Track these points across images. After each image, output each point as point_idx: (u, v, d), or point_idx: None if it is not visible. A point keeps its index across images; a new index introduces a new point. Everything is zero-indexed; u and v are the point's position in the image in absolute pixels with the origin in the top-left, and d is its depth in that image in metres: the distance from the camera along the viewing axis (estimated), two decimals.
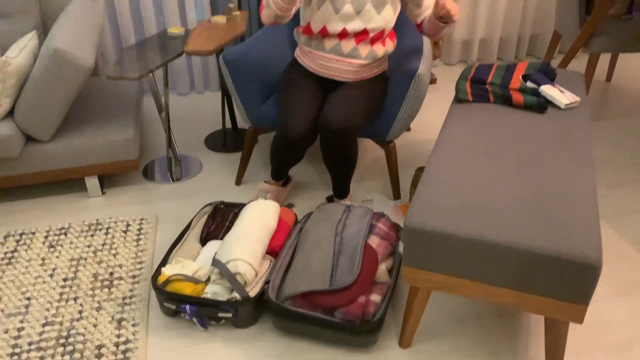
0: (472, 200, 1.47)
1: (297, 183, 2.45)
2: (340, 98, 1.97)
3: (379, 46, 2.06)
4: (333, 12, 1.94)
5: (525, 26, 3.63)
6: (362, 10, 1.95)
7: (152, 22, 3.09)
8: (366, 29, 1.98)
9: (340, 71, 2.06)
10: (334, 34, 1.98)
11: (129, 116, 2.38)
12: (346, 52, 2.01)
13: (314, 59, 2.07)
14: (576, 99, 2.00)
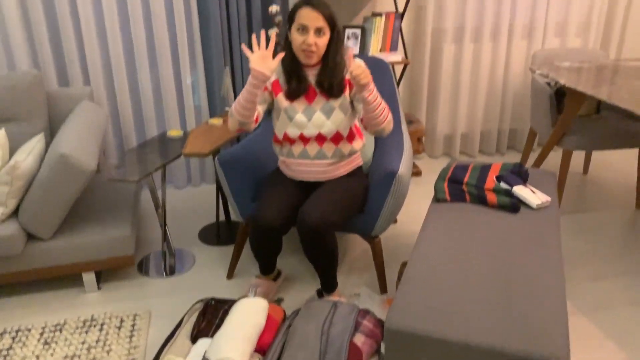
0: (448, 302, 1.57)
1: (288, 276, 2.53)
2: (316, 196, 2.09)
3: (345, 144, 2.19)
4: (288, 121, 2.13)
5: (504, 121, 3.86)
6: (312, 118, 2.12)
7: (152, 124, 3.29)
8: (320, 133, 2.13)
9: (313, 173, 2.21)
10: (295, 138, 2.15)
11: (127, 213, 2.50)
12: (312, 155, 2.17)
13: (289, 166, 2.24)
14: (547, 199, 2.14)
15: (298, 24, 2.00)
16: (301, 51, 2.04)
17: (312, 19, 1.98)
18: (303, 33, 2.01)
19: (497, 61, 3.68)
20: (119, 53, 3.10)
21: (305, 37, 2.01)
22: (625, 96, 2.43)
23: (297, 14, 2.01)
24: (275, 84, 2.15)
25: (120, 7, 3.08)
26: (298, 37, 2.02)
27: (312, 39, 2.00)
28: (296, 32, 2.02)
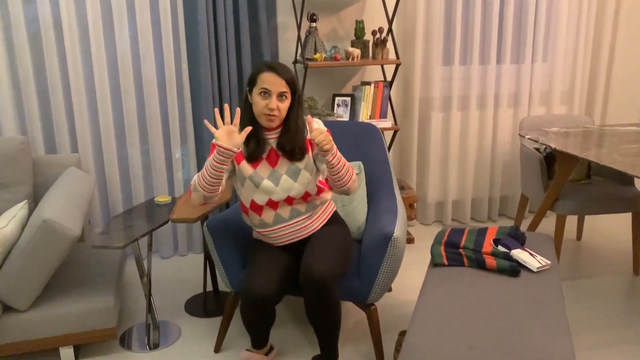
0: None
1: (281, 351, 2.40)
2: (313, 250, 2.04)
3: (314, 198, 2.16)
4: (255, 187, 2.08)
5: (495, 189, 3.86)
6: (279, 182, 2.08)
7: (140, 192, 3.23)
8: (289, 196, 2.09)
9: (293, 234, 2.15)
10: (262, 204, 2.09)
11: (110, 283, 2.39)
12: (287, 216, 2.12)
13: (266, 235, 2.17)
14: (547, 262, 2.08)
15: (260, 88, 1.99)
16: (263, 115, 2.02)
17: (275, 83, 1.98)
18: (265, 97, 2.00)
19: (485, 129, 3.72)
20: (109, 121, 3.09)
21: (267, 102, 1.99)
22: (618, 158, 2.43)
23: (259, 78, 2.00)
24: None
25: (111, 76, 3.11)
26: (260, 101, 2.00)
27: (274, 104, 1.99)
28: (258, 95, 2.00)
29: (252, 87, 2.03)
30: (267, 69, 1.99)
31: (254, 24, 3.17)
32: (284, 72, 2.00)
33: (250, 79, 2.05)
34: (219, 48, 3.10)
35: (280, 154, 2.09)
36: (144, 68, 3.07)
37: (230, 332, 2.54)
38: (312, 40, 3.18)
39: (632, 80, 4.07)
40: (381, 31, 3.18)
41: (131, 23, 3.06)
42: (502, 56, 3.63)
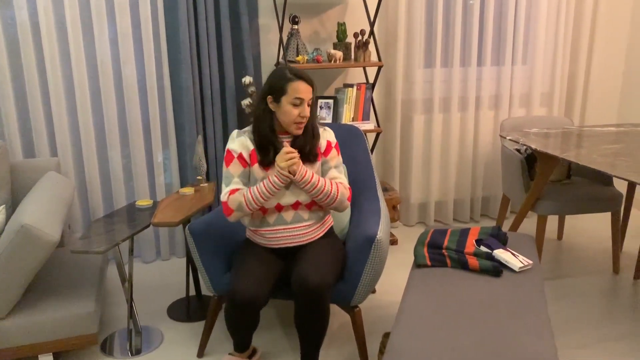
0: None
1: (264, 354, 2.39)
2: (308, 259, 2.03)
3: (318, 206, 2.18)
4: None
5: (476, 189, 3.89)
6: (290, 186, 2.11)
7: (121, 196, 3.20)
8: (298, 200, 2.12)
9: (291, 238, 2.15)
10: (271, 206, 2.10)
11: (92, 288, 2.36)
12: (289, 220, 2.13)
13: (263, 235, 2.16)
14: (529, 262, 2.10)
15: (294, 97, 2.01)
16: (293, 123, 2.05)
17: (306, 92, 2.03)
18: (297, 106, 2.03)
19: (466, 131, 3.75)
20: (89, 125, 3.06)
21: (300, 110, 2.03)
22: (597, 159, 2.47)
23: (289, 87, 2.01)
24: (252, 154, 2.11)
25: (91, 79, 3.07)
26: (292, 109, 2.02)
27: (307, 111, 2.04)
28: (289, 105, 2.02)
29: (281, 96, 2.03)
30: (297, 77, 2.02)
31: (236, 27, 3.16)
32: (310, 79, 2.05)
33: (277, 88, 2.03)
34: (200, 51, 3.09)
35: None
36: (125, 72, 3.04)
37: (213, 337, 2.52)
38: (294, 43, 3.17)
39: (609, 82, 4.13)
40: (363, 33, 3.19)
41: (111, 26, 3.03)
42: (482, 59, 3.66)
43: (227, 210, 2.05)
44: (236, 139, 2.12)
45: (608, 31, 4.02)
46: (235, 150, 2.10)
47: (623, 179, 2.22)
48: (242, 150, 2.11)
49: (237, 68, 3.22)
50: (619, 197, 2.98)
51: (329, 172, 2.18)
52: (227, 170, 2.10)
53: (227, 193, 2.06)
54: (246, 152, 2.11)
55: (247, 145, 2.11)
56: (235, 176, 2.09)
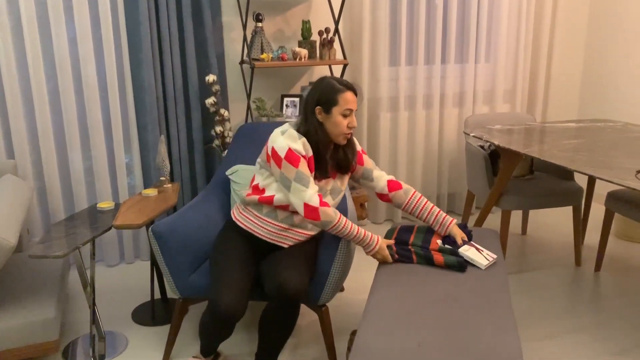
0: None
1: (227, 357, 2.36)
2: (286, 264, 2.00)
3: None
4: None
5: (442, 186, 3.93)
6: (327, 192, 2.12)
7: (82, 198, 3.12)
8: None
9: (287, 239, 2.13)
10: (289, 210, 2.09)
11: (51, 294, 2.29)
12: (297, 222, 2.11)
13: (262, 224, 2.12)
14: (494, 257, 2.13)
15: (345, 109, 2.00)
16: (342, 134, 2.04)
17: (355, 102, 2.04)
18: (347, 116, 2.02)
19: (432, 128, 3.79)
20: (47, 126, 2.97)
21: (349, 120, 2.03)
22: (558, 154, 2.52)
23: (341, 98, 1.99)
24: (310, 161, 2.04)
25: (49, 79, 2.98)
26: (342, 120, 2.02)
27: (355, 122, 2.05)
28: (340, 115, 2.01)
29: (331, 107, 2.01)
30: (347, 88, 2.02)
31: (198, 24, 3.11)
32: (355, 89, 2.05)
33: (328, 99, 2.00)
34: (162, 49, 3.03)
35: (331, 169, 2.12)
36: (84, 71, 2.97)
37: (179, 340, 2.47)
38: (258, 41, 3.15)
39: (569, 79, 4.23)
40: (328, 31, 3.19)
41: (69, 24, 2.95)
42: (446, 56, 3.70)
43: (314, 216, 1.97)
44: (299, 140, 2.01)
45: (567, 30, 4.11)
46: (299, 151, 1.99)
47: (583, 173, 2.26)
48: (305, 153, 2.02)
49: (200, 66, 3.17)
50: (580, 191, 3.05)
51: (373, 174, 2.24)
52: (299, 171, 1.98)
53: (317, 198, 1.97)
54: (307, 157, 2.03)
55: (308, 150, 2.03)
56: (310, 176, 2.00)
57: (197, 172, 3.27)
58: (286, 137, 2.01)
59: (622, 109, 3.94)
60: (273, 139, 2.03)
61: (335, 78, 2.04)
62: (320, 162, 2.06)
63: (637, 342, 2.41)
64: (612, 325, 2.55)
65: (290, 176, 1.98)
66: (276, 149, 2.00)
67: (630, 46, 3.83)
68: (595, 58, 4.12)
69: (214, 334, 2.02)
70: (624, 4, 3.85)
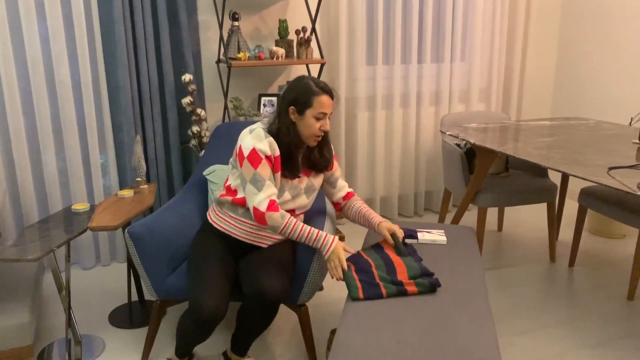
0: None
1: (200, 357, 2.34)
2: (267, 267, 1.99)
3: (300, 217, 2.21)
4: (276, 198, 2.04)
5: (420, 184, 3.96)
6: (296, 198, 2.11)
7: (56, 199, 3.07)
8: (295, 210, 2.13)
9: (264, 238, 2.13)
10: None
11: (25, 298, 2.24)
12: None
13: (238, 225, 2.11)
14: (442, 232, 2.36)
15: (319, 112, 1.98)
16: (313, 136, 2.03)
17: (331, 106, 2.02)
18: (320, 120, 2.00)
19: (409, 127, 3.81)
20: (20, 126, 2.91)
21: (322, 123, 2.01)
22: (532, 152, 2.55)
23: (316, 101, 1.97)
24: (277, 160, 2.03)
25: (21, 78, 2.92)
26: (315, 123, 2.00)
27: (328, 125, 2.03)
28: (313, 118, 1.99)
29: (305, 109, 1.98)
30: (323, 91, 1.99)
31: (174, 23, 3.08)
32: (333, 92, 2.03)
33: (303, 101, 1.98)
34: (137, 48, 2.99)
35: (302, 168, 2.11)
36: (58, 71, 2.92)
37: (157, 342, 2.45)
38: (235, 40, 3.13)
39: (543, 78, 4.31)
40: (305, 30, 3.18)
41: (41, 23, 2.90)
42: (422, 56, 3.73)
43: (262, 221, 1.97)
44: (265, 140, 2.00)
45: (540, 30, 4.18)
46: (264, 151, 1.97)
47: (557, 170, 2.30)
48: (271, 153, 2.00)
49: (176, 66, 3.14)
50: (554, 188, 3.11)
51: (338, 183, 2.24)
52: (257, 172, 1.96)
53: (266, 203, 1.95)
54: (273, 156, 2.01)
55: (275, 149, 2.01)
56: (267, 179, 1.98)
57: (174, 172, 3.24)
58: (253, 136, 2.00)
59: (594, 107, 4.02)
60: (241, 138, 2.04)
61: (314, 79, 2.02)
62: (290, 161, 2.05)
63: (611, 335, 2.46)
64: (586, 319, 2.60)
65: (247, 177, 1.98)
66: (242, 148, 2.00)
67: (602, 46, 3.91)
68: (568, 58, 4.20)
69: (194, 337, 2.00)
70: (596, 5, 3.93)
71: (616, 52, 3.80)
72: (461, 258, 2.16)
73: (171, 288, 2.17)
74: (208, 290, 1.90)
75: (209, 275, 1.96)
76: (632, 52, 3.68)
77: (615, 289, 2.89)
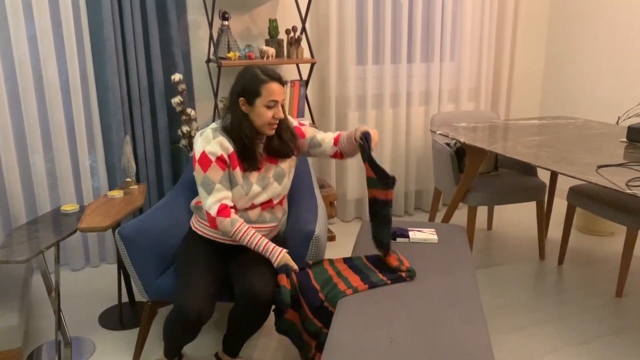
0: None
1: (189, 357, 2.33)
2: (257, 269, 1.99)
3: (279, 207, 2.18)
4: (244, 195, 2.04)
5: (410, 184, 3.97)
6: (266, 187, 2.08)
7: (45, 200, 3.04)
8: (272, 199, 2.11)
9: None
10: (242, 208, 2.07)
11: (14, 300, 2.22)
12: (254, 219, 2.09)
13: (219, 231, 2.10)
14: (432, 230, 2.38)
15: (268, 100, 1.95)
16: (267, 124, 1.99)
17: (281, 93, 1.98)
18: (272, 108, 1.97)
19: (399, 126, 3.82)
20: (7, 127, 2.88)
21: (274, 111, 1.98)
22: (522, 150, 2.57)
23: (264, 89, 1.94)
24: (232, 156, 2.01)
25: (8, 79, 2.89)
26: (267, 112, 1.96)
27: (281, 112, 2.00)
28: (264, 107, 1.96)
29: (255, 98, 1.96)
30: (271, 79, 1.96)
31: (163, 23, 3.07)
32: (282, 79, 2.00)
33: (251, 90, 1.96)
34: (127, 48, 2.97)
35: (265, 157, 2.08)
36: (46, 71, 2.89)
37: (148, 343, 2.44)
38: (225, 39, 3.12)
39: (531, 78, 4.34)
40: (295, 30, 3.18)
41: (29, 23, 2.87)
42: (412, 55, 3.74)
43: (213, 225, 1.97)
44: (213, 140, 1.98)
45: (529, 29, 4.21)
46: (214, 153, 1.95)
47: (546, 169, 2.32)
48: (223, 152, 1.98)
49: (166, 65, 3.12)
50: (543, 186, 3.13)
51: (320, 141, 2.15)
52: (206, 176, 1.96)
53: (216, 207, 1.95)
54: (226, 154, 1.99)
55: (227, 147, 1.99)
56: (217, 182, 1.96)
57: (164, 172, 3.22)
58: (202, 139, 1.99)
59: (582, 106, 4.05)
60: (194, 141, 2.04)
61: (261, 67, 1.99)
62: (248, 155, 2.02)
63: (600, 332, 2.49)
64: (575, 316, 2.62)
65: (198, 180, 1.98)
66: (195, 152, 2.00)
67: (589, 47, 3.94)
68: (556, 58, 4.23)
69: (180, 337, 1.99)
70: (583, 6, 3.96)
71: (603, 52, 3.83)
72: (452, 257, 2.17)
73: (162, 289, 2.16)
74: (192, 290, 1.90)
75: (193, 276, 1.96)
76: (619, 52, 3.72)
77: (603, 286, 2.91)
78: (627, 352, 2.32)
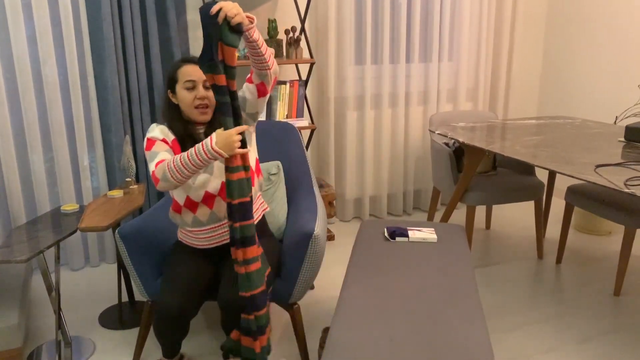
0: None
1: (191, 358, 2.34)
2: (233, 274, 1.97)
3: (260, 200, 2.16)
4: (190, 185, 2.01)
5: (408, 183, 3.98)
6: (213, 171, 2.00)
7: (44, 200, 3.04)
8: (223, 182, 2.01)
9: (224, 235, 2.08)
10: (198, 201, 2.01)
11: (14, 300, 2.23)
12: (222, 215, 2.05)
13: (198, 236, 2.10)
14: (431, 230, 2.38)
15: (184, 82, 1.96)
16: (194, 108, 1.98)
17: (196, 72, 1.97)
18: (191, 90, 1.97)
19: (397, 126, 3.83)
20: (6, 127, 2.88)
21: (195, 93, 1.97)
22: (520, 150, 2.58)
23: (179, 73, 1.98)
24: (174, 143, 2.00)
25: (7, 78, 2.89)
26: (187, 95, 1.97)
27: (203, 92, 1.98)
28: (184, 90, 1.97)
29: (174, 85, 1.99)
30: (184, 62, 1.99)
31: (163, 23, 3.07)
32: (196, 61, 1.99)
33: (170, 78, 2.00)
34: (126, 48, 2.98)
35: None
36: (45, 70, 2.89)
37: (148, 343, 2.44)
38: None
39: (529, 77, 4.35)
40: (294, 30, 3.19)
41: (28, 22, 2.87)
42: (410, 55, 3.75)
43: (155, 179, 1.89)
44: (156, 128, 2.01)
45: (526, 29, 4.22)
46: (156, 137, 1.97)
47: (545, 168, 2.33)
48: (165, 137, 1.99)
49: (165, 65, 3.13)
50: (541, 186, 3.14)
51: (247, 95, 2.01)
52: (151, 151, 1.93)
53: (155, 163, 1.89)
54: (169, 140, 2.00)
55: (168, 134, 2.01)
56: (160, 151, 1.93)
57: None
58: (147, 133, 2.02)
59: (579, 106, 4.07)
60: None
61: (181, 57, 2.01)
62: (188, 143, 1.99)
63: (599, 330, 2.50)
64: (574, 314, 2.63)
65: (147, 160, 1.96)
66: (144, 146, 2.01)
67: (587, 47, 3.96)
68: (553, 58, 4.25)
69: (167, 334, 2.00)
70: (581, 6, 3.98)
71: (601, 52, 3.85)
72: (451, 256, 2.18)
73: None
74: (172, 285, 1.93)
75: (174, 275, 1.98)
76: (616, 52, 3.73)
77: (601, 285, 2.93)
78: (625, 351, 2.34)
